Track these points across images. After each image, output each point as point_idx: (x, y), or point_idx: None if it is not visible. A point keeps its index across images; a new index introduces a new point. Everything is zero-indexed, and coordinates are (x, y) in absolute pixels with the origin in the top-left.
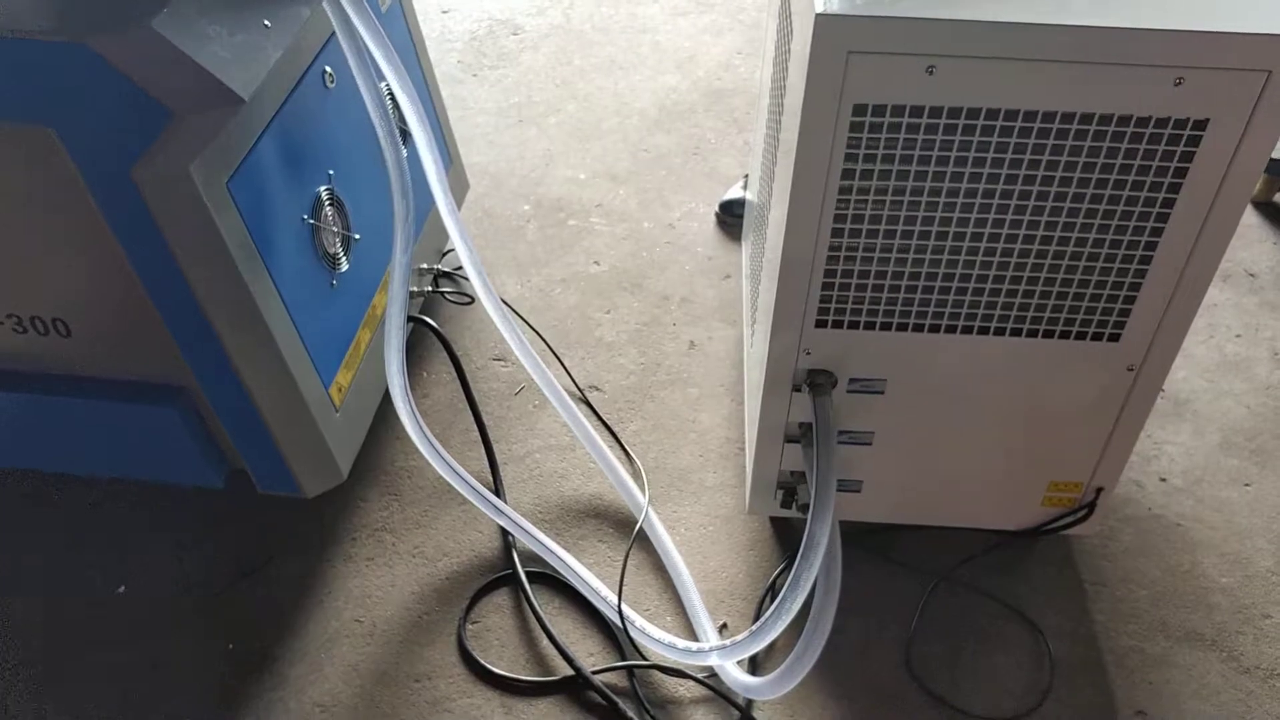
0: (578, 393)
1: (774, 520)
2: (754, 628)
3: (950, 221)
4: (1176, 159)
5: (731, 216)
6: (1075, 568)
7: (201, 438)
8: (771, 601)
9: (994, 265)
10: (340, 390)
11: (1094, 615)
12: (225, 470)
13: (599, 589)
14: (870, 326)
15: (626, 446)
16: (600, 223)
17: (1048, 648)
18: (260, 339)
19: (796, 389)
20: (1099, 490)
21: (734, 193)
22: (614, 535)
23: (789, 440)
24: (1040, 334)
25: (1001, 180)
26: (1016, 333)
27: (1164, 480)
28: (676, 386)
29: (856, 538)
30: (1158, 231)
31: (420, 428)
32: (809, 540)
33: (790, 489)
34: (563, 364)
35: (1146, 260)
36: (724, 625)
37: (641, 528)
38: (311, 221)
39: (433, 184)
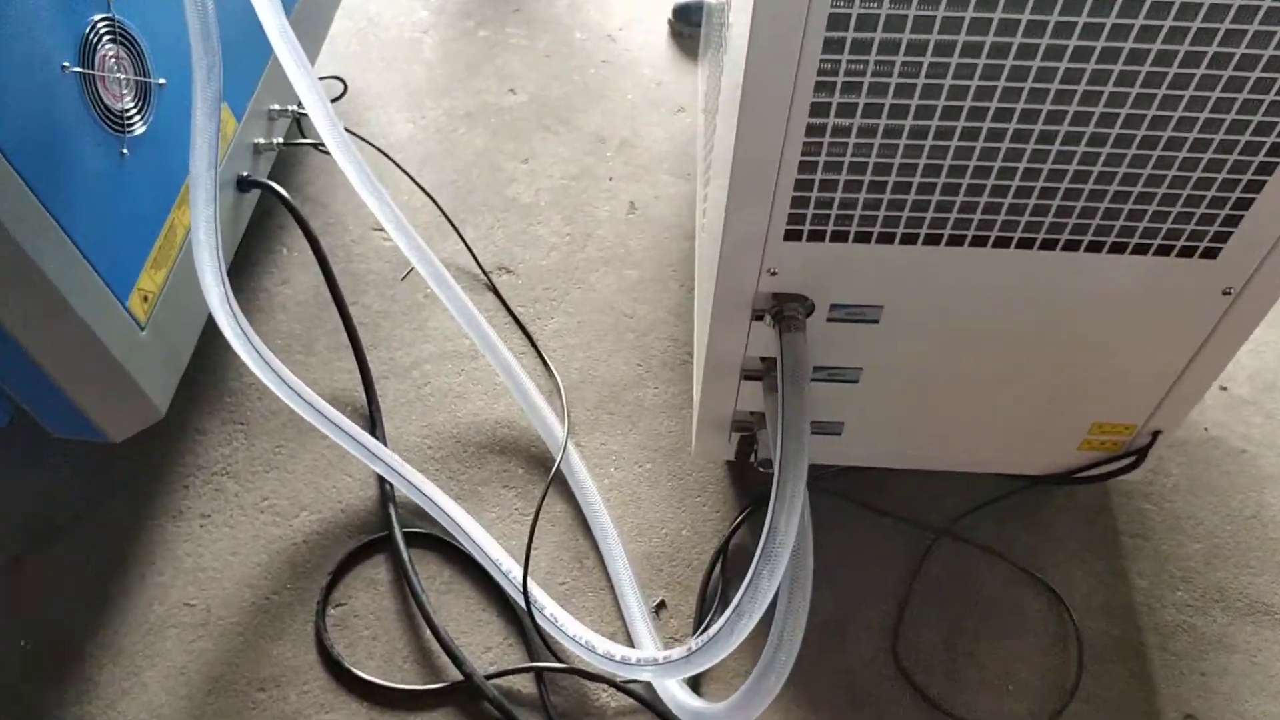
0: (482, 277)
1: None
2: (696, 644)
3: (994, 86)
4: None
5: (688, 26)
6: (1110, 515)
7: None
8: (723, 571)
9: (1051, 154)
10: (146, 299)
11: (1133, 579)
12: (7, 406)
13: (500, 559)
14: (864, 238)
15: (544, 353)
16: (518, 34)
17: (1075, 626)
18: None
19: (758, 318)
20: (1155, 434)
21: None
22: (525, 479)
23: (747, 377)
24: (1106, 248)
25: (1077, 31)
26: (1072, 246)
27: (1224, 389)
28: (612, 267)
29: (831, 482)
30: None
31: (245, 337)
32: (770, 534)
33: (750, 433)
34: (461, 236)
35: (1276, 152)
36: (661, 604)
37: (559, 469)
38: (79, 70)
39: None
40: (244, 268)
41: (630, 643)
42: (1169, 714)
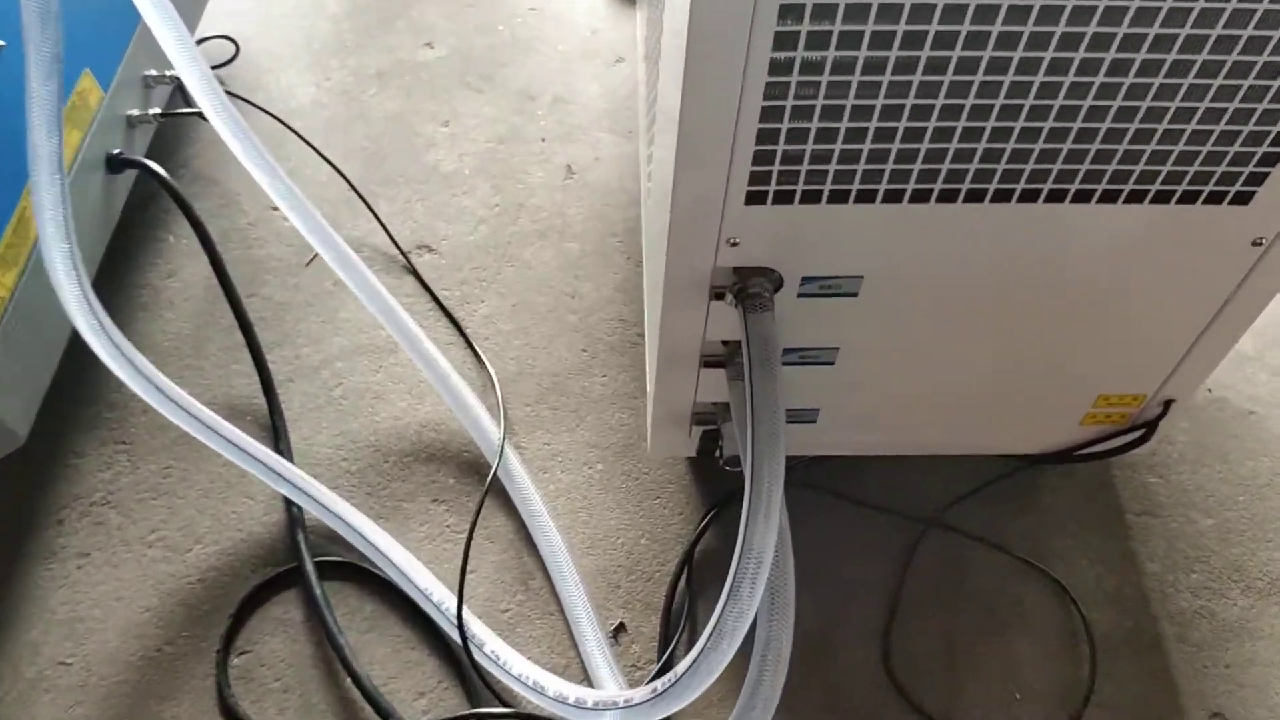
0: (400, 258)
1: None
2: (663, 684)
3: (997, 4)
4: None
5: None
6: (1113, 491)
7: None
8: (689, 583)
9: (1062, 88)
10: None
11: (1143, 562)
12: None
13: (430, 588)
14: (840, 198)
15: (474, 342)
16: None
17: (1083, 620)
18: None
19: (718, 296)
20: (1167, 404)
21: None
22: (457, 490)
23: (708, 364)
24: (1122, 197)
25: None
26: (1083, 197)
27: None
28: (549, 240)
29: (803, 473)
30: None
31: (109, 340)
32: (744, 548)
33: (713, 427)
34: (374, 212)
35: None
36: (619, 627)
37: (496, 477)
38: None
39: None
40: (123, 260)
41: (586, 677)
42: (1194, 714)
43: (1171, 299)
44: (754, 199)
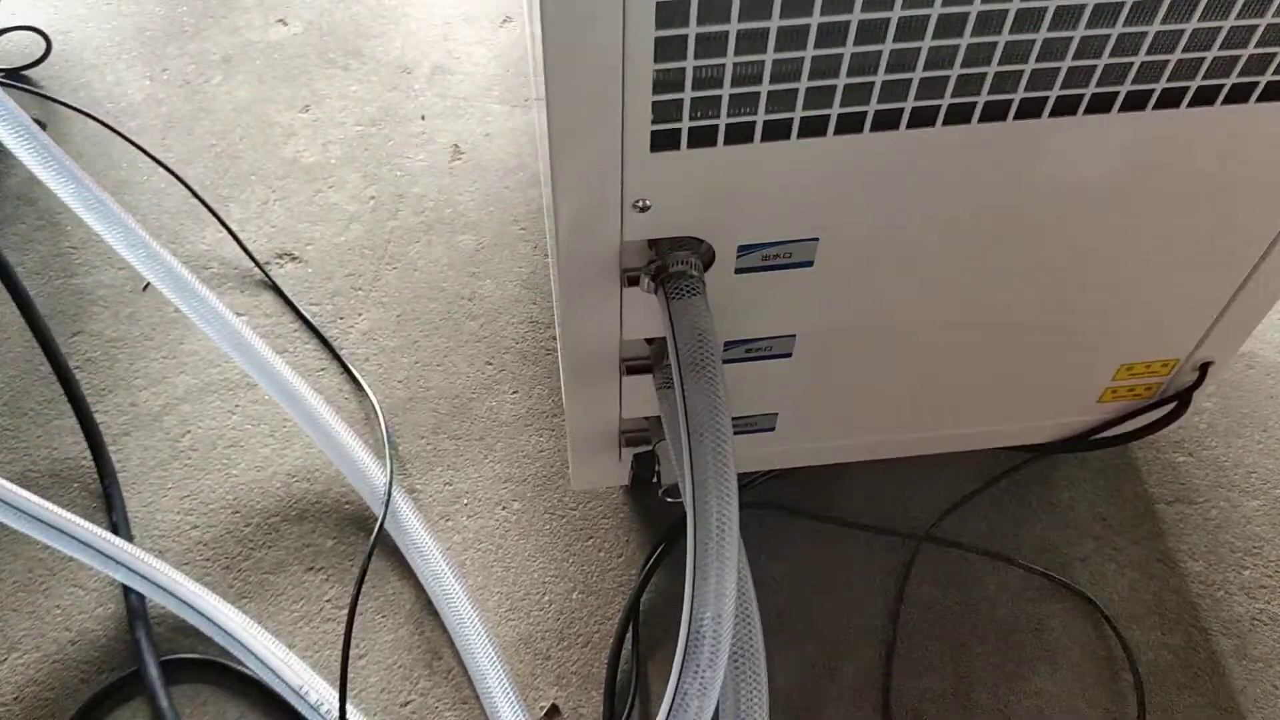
0: (256, 271)
1: None
2: None
3: None
4: None
5: None
6: (1138, 478)
7: None
8: (635, 643)
9: None
10: None
11: (1183, 561)
12: None
13: (305, 684)
14: (779, 131)
15: (351, 365)
16: None
17: (1121, 642)
18: None
19: (632, 281)
20: (1204, 368)
21: None
22: (337, 553)
23: (631, 370)
24: (1152, 100)
25: None
26: (1102, 104)
27: None
28: (438, 234)
29: (762, 491)
30: None
31: None
32: (694, 613)
33: (648, 448)
34: (220, 220)
35: None
36: (552, 710)
37: (383, 530)
38: None
39: None
40: None
41: None
42: None
43: (1212, 233)
44: (662, 142)
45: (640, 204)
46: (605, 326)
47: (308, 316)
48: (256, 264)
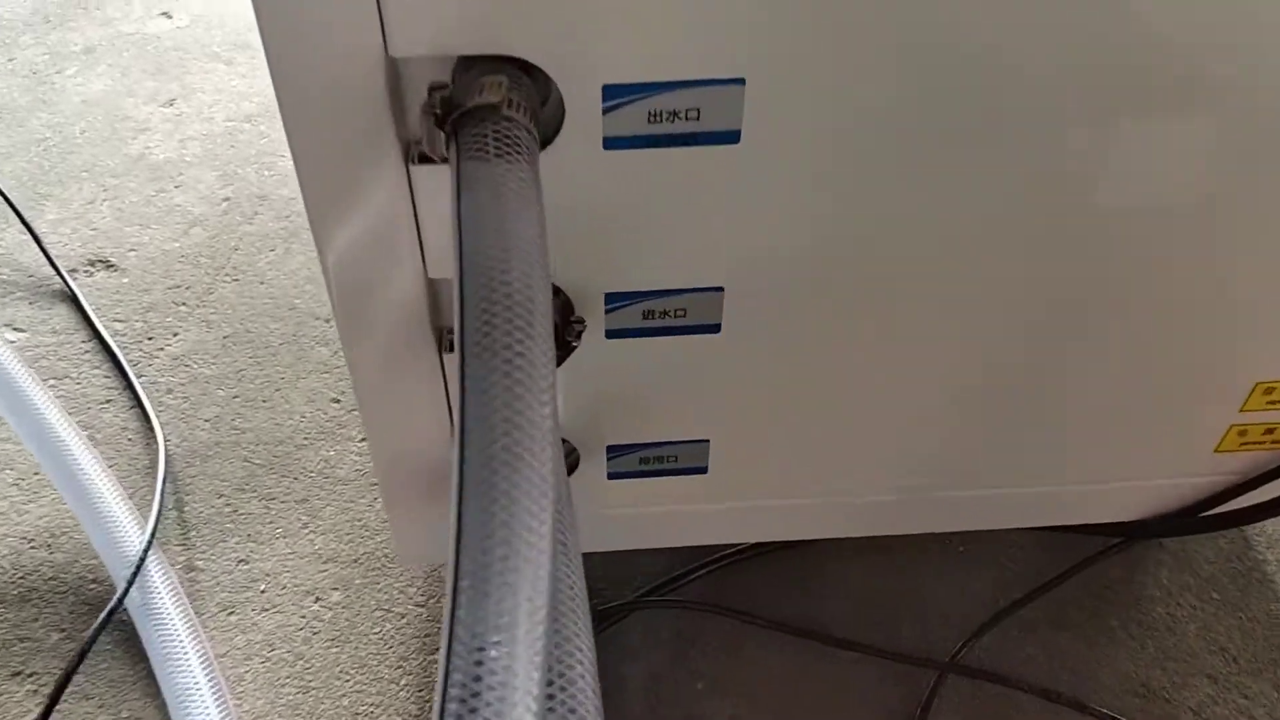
0: (56, 281)
1: None
2: None
3: None
4: None
5: None
6: (1273, 586)
7: None
8: None
9: None
10: None
11: None
12: None
13: None
14: None
15: (145, 397)
16: None
17: None
18: None
19: (423, 159)
20: None
21: None
22: (58, 655)
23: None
24: None
25: None
26: None
27: None
28: (299, 243)
29: (722, 587)
30: None
31: None
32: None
33: None
34: (22, 218)
35: None
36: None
37: (126, 616)
38: None
39: None
40: None
41: None
42: None
43: None
44: None
45: None
46: (393, 248)
47: (105, 335)
48: (57, 271)
